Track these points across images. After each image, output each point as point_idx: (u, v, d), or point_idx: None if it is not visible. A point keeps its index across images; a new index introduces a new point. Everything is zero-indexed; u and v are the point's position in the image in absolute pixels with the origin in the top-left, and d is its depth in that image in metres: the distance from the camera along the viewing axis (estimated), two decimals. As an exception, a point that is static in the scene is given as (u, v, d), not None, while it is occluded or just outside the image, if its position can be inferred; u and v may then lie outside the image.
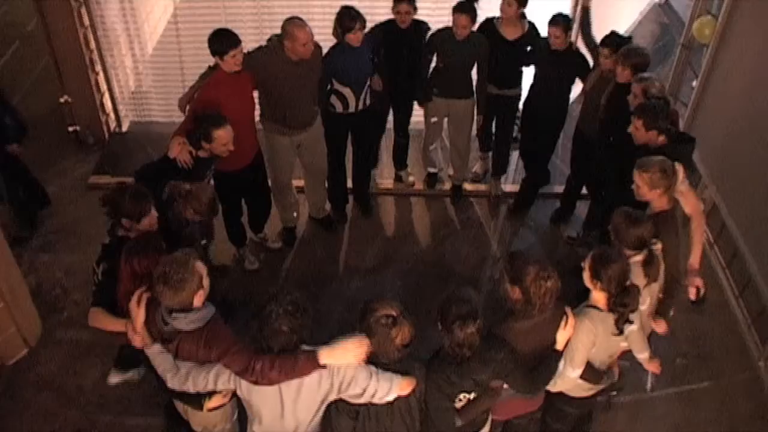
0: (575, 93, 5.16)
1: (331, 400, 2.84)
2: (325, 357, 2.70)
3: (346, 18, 4.46)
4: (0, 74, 6.43)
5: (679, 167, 3.54)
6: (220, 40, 4.09)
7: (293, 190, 5.16)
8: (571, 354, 3.09)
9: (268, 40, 4.45)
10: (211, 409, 3.17)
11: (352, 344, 2.72)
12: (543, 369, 3.06)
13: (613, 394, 4.10)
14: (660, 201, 3.50)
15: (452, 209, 5.68)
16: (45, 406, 4.15)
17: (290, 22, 4.23)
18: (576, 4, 5.43)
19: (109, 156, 5.99)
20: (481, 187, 5.81)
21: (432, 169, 5.77)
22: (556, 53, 4.79)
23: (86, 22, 5.59)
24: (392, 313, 2.72)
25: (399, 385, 2.78)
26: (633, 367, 3.79)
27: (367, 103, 4.89)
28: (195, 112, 4.07)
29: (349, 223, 5.51)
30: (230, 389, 2.88)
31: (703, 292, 3.64)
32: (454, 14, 4.72)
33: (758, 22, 4.61)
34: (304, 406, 2.81)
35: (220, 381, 2.80)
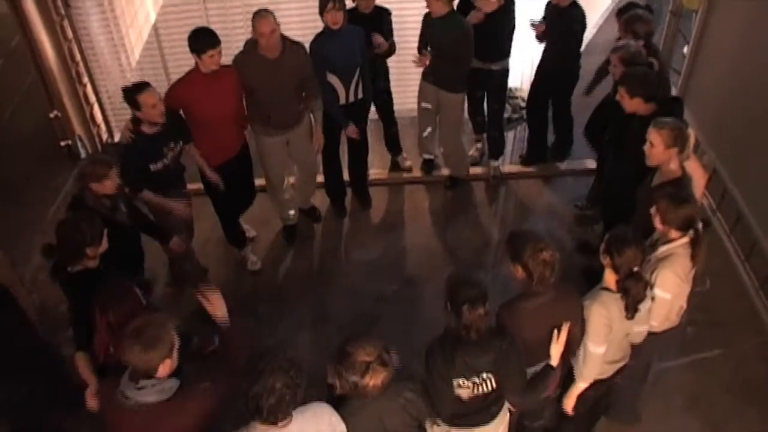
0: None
1: None
2: None
3: None
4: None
5: (691, 131, 3.58)
6: (199, 38, 4.07)
7: (289, 188, 5.13)
8: (590, 336, 3.09)
9: (245, 43, 4.44)
10: None
11: None
12: (537, 380, 3.08)
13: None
14: (673, 164, 3.50)
15: (451, 194, 5.66)
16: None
17: (254, 16, 4.19)
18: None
19: (104, 167, 5.93)
20: (478, 170, 5.78)
21: (428, 156, 5.74)
22: (560, 9, 4.94)
23: (69, 35, 5.55)
24: (367, 360, 2.61)
25: None
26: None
27: (359, 96, 4.84)
28: (166, 107, 4.04)
29: (348, 216, 5.49)
30: None
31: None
32: None
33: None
34: None
35: None
